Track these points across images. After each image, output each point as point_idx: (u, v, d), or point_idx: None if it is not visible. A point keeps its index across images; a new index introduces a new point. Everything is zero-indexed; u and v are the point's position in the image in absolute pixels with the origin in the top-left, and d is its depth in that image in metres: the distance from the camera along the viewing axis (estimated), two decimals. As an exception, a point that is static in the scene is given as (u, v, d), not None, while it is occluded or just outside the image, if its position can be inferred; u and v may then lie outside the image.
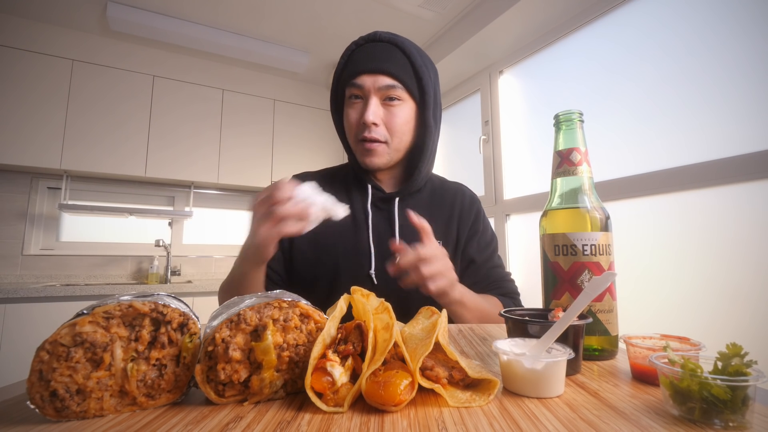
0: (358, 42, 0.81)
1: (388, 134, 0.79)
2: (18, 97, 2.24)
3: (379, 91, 0.77)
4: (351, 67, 0.79)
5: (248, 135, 2.88)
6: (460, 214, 0.90)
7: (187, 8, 2.30)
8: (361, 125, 0.78)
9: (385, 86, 0.77)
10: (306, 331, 0.37)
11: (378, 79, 0.77)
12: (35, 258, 2.43)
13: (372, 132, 0.78)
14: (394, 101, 0.78)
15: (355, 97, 0.79)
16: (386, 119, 0.78)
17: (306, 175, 0.93)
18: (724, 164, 1.23)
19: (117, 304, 0.33)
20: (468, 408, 0.33)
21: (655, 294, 1.38)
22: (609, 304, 0.51)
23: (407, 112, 0.80)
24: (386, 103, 0.78)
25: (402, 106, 0.79)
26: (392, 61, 0.78)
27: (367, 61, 0.77)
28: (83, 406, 0.30)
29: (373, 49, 0.79)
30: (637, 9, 1.57)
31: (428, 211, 0.88)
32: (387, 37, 0.79)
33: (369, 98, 0.77)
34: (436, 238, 0.86)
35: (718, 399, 0.28)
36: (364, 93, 0.78)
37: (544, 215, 0.57)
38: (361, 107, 0.78)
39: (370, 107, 0.76)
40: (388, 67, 0.77)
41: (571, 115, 0.55)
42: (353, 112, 0.80)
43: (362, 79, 0.77)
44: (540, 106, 2.03)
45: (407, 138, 0.82)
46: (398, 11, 2.24)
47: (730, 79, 1.25)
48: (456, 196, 0.92)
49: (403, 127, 0.80)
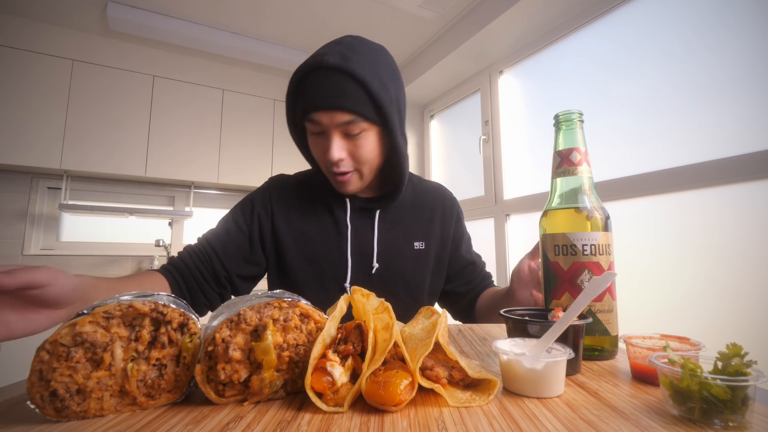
0: (306, 69, 0.73)
1: (357, 163, 0.77)
2: (18, 97, 2.24)
3: (338, 127, 0.72)
4: (303, 101, 0.73)
5: (248, 135, 2.88)
6: (443, 215, 0.93)
7: (187, 8, 2.30)
8: (327, 161, 0.75)
9: (344, 123, 0.72)
10: (306, 331, 0.37)
11: (335, 116, 0.71)
12: (35, 258, 2.43)
13: (340, 167, 0.75)
14: (357, 135, 0.74)
15: (316, 133, 0.75)
16: (351, 151, 0.75)
17: (282, 178, 0.93)
18: (723, 164, 1.23)
19: (117, 304, 0.33)
20: (468, 408, 0.33)
21: (655, 294, 1.38)
22: (609, 304, 0.51)
23: (372, 139, 0.76)
24: (348, 137, 0.74)
25: (365, 135, 0.75)
26: (345, 95, 0.71)
27: (319, 96, 0.71)
28: (83, 406, 0.30)
29: (323, 79, 0.71)
30: (637, 9, 1.57)
31: (411, 213, 0.90)
32: (335, 64, 0.71)
33: (330, 134, 0.73)
34: (418, 239, 0.89)
35: (717, 399, 0.28)
36: (323, 129, 0.74)
37: (544, 215, 0.57)
38: (324, 143, 0.75)
39: (333, 145, 0.73)
40: (342, 103, 0.71)
41: (571, 115, 0.55)
42: (316, 149, 0.77)
43: (318, 116, 0.72)
44: (540, 106, 2.03)
45: (377, 162, 0.80)
46: (398, 11, 2.24)
47: (729, 79, 1.25)
48: (437, 198, 0.95)
49: (371, 155, 0.77)
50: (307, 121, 0.74)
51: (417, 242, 0.89)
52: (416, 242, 0.89)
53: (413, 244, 0.88)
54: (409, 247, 0.88)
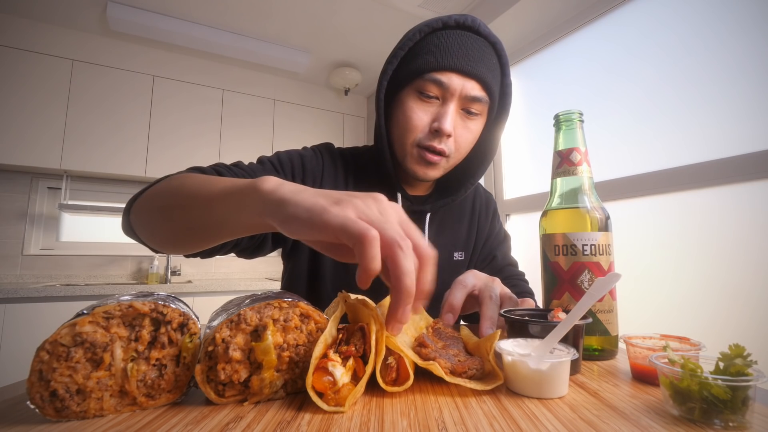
0: (447, 22, 0.64)
1: (454, 148, 0.67)
2: (18, 97, 2.24)
3: (463, 99, 0.63)
4: (438, 56, 0.62)
5: (248, 135, 2.88)
6: (479, 220, 0.85)
7: (187, 8, 2.30)
8: (431, 132, 0.64)
9: (472, 97, 0.63)
10: (306, 332, 0.37)
11: (467, 85, 0.62)
12: (35, 258, 2.43)
13: (442, 143, 0.64)
14: (472, 116, 0.65)
15: (427, 97, 0.64)
16: (458, 132, 0.65)
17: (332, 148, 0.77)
18: (723, 164, 1.23)
19: (117, 304, 0.33)
20: (464, 397, 0.34)
21: (655, 294, 1.38)
22: (609, 304, 0.51)
23: (479, 128, 0.68)
24: (463, 114, 0.65)
25: (478, 121, 0.67)
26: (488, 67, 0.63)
27: (460, 56, 0.61)
28: (83, 406, 0.30)
29: (467, 41, 0.63)
30: (636, 9, 1.57)
31: (457, 222, 0.81)
32: (485, 31, 0.64)
33: (449, 102, 0.63)
34: (458, 249, 0.79)
35: (718, 399, 0.28)
36: (445, 94, 0.63)
37: (544, 215, 0.57)
38: (436, 110, 0.64)
39: (449, 114, 0.63)
40: (484, 75, 0.62)
41: (571, 115, 0.55)
42: (423, 113, 0.65)
43: (449, 78, 0.61)
44: (540, 106, 2.03)
45: (466, 155, 0.71)
46: (398, 11, 2.24)
47: (729, 79, 1.25)
48: (475, 200, 0.86)
49: (470, 145, 0.69)
50: (427, 80, 0.63)
51: (457, 252, 0.79)
52: (456, 252, 0.79)
53: (453, 254, 0.78)
54: (449, 258, 0.77)
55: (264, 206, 0.36)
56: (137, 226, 0.54)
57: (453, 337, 0.46)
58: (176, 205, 0.47)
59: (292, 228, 0.34)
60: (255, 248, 0.68)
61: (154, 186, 0.53)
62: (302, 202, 0.33)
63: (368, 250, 0.31)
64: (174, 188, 0.48)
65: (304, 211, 0.33)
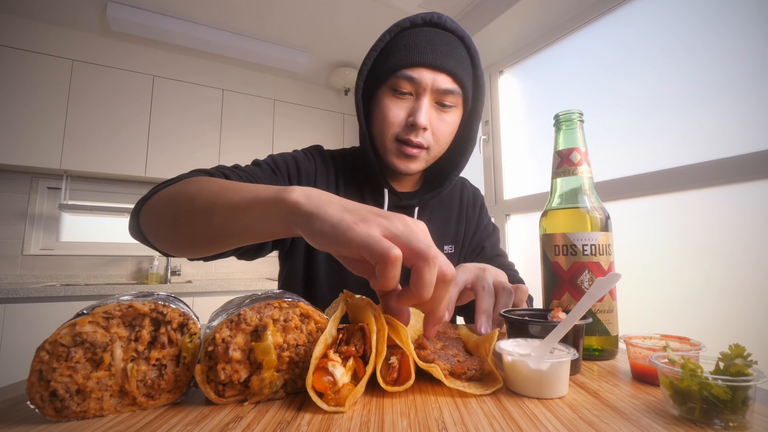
0: (414, 20, 0.67)
1: (432, 141, 0.69)
2: (18, 97, 2.24)
3: (436, 93, 0.66)
4: (407, 53, 0.65)
5: (248, 135, 2.88)
6: (467, 213, 0.87)
7: (187, 8, 2.30)
8: (407, 126, 0.67)
9: (444, 90, 0.66)
10: (306, 332, 0.37)
11: (438, 79, 0.65)
12: (35, 258, 2.43)
13: (419, 136, 0.67)
14: (447, 108, 0.68)
15: (401, 94, 0.67)
16: (434, 125, 0.68)
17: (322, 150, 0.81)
18: (723, 164, 1.23)
19: (117, 304, 0.33)
20: (464, 397, 0.34)
21: (655, 294, 1.38)
22: (609, 304, 0.51)
23: (456, 120, 0.71)
24: (438, 107, 0.68)
25: (453, 113, 0.69)
26: (457, 60, 0.66)
27: (428, 52, 0.64)
28: (83, 406, 0.30)
29: (434, 37, 0.65)
30: (636, 9, 1.57)
31: (445, 216, 0.83)
32: (452, 26, 0.67)
33: (422, 97, 0.66)
34: (448, 242, 0.81)
35: (718, 399, 0.28)
36: (418, 89, 0.66)
37: (544, 215, 0.57)
38: (410, 105, 0.67)
39: (422, 108, 0.65)
40: (453, 67, 0.65)
41: (571, 115, 0.55)
42: (398, 109, 0.67)
43: (420, 73, 0.64)
44: (540, 106, 2.03)
45: (446, 147, 0.73)
46: (398, 11, 2.24)
47: (729, 79, 1.25)
48: (462, 194, 0.88)
49: (449, 137, 0.71)
50: (399, 77, 0.65)
51: (447, 245, 0.80)
52: (446, 245, 0.80)
53: (443, 248, 0.79)
54: None
55: (294, 218, 0.37)
56: (147, 227, 0.54)
57: (452, 338, 0.46)
58: (195, 211, 0.46)
59: (318, 242, 0.35)
60: (255, 251, 0.69)
61: (166, 189, 0.52)
62: (329, 218, 0.34)
63: (389, 270, 0.32)
64: (192, 193, 0.47)
65: (330, 227, 0.34)
